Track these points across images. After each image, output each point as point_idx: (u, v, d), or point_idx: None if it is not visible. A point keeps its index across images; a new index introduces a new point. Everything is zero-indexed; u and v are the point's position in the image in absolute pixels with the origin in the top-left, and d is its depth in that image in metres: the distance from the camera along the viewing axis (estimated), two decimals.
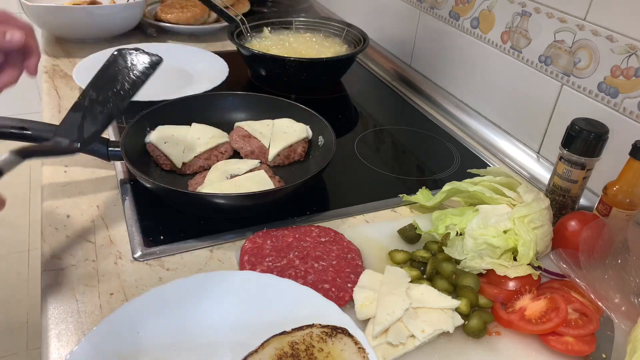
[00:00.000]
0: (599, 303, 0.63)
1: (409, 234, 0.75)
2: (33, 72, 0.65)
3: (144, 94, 1.10)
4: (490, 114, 1.10)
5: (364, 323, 0.61)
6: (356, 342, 0.55)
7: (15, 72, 0.64)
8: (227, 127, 0.97)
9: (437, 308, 0.61)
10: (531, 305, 0.63)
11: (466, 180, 0.79)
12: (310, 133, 0.96)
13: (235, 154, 0.93)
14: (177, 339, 0.57)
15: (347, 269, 0.68)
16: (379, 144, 1.06)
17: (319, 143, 0.95)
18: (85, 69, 1.16)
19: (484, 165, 1.00)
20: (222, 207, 0.76)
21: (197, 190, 0.79)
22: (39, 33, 1.52)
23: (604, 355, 0.60)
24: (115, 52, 0.71)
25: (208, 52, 1.31)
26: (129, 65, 0.70)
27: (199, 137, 0.91)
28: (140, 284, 0.66)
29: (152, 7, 1.58)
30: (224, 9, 1.32)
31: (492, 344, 0.61)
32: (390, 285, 0.63)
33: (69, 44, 1.38)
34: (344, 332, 0.56)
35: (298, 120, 0.97)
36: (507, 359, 0.60)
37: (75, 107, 0.68)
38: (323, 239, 0.73)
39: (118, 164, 0.88)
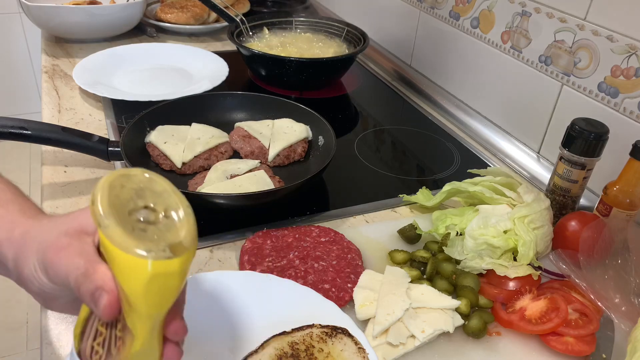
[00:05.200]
0: (599, 303, 0.63)
1: (409, 234, 0.75)
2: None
3: (144, 94, 1.11)
4: (490, 114, 1.10)
5: (364, 323, 0.61)
6: (356, 342, 0.55)
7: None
8: (227, 127, 0.97)
9: (437, 308, 0.61)
10: (531, 306, 0.63)
11: (466, 180, 0.79)
12: (310, 133, 0.96)
13: (235, 154, 0.93)
14: None
15: (347, 269, 0.68)
16: (379, 144, 1.06)
17: (319, 143, 0.94)
18: (85, 69, 1.16)
19: (484, 165, 1.00)
20: (222, 207, 0.76)
21: (197, 190, 0.79)
22: (38, 33, 1.52)
23: (604, 356, 0.60)
24: None
25: (208, 52, 1.31)
26: None
27: (199, 137, 0.91)
28: None
29: (152, 7, 1.58)
30: (224, 9, 1.32)
31: (492, 344, 0.61)
32: (390, 285, 0.63)
33: (69, 44, 1.38)
34: (344, 332, 0.56)
35: (298, 120, 0.97)
36: (507, 359, 0.60)
37: None
38: (323, 239, 0.73)
39: (118, 163, 0.88)
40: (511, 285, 0.67)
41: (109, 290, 0.39)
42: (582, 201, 0.84)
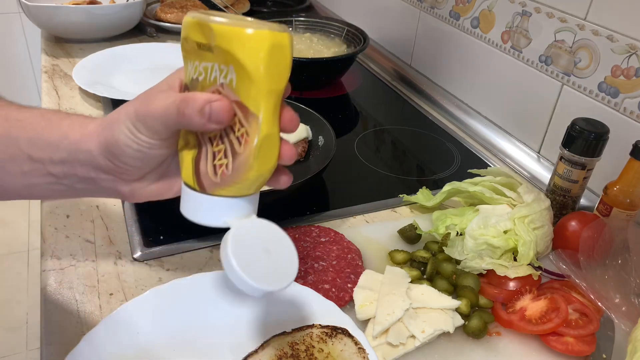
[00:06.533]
0: (599, 303, 0.63)
1: (409, 234, 0.75)
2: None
3: None
4: (490, 114, 1.10)
5: (364, 323, 0.61)
6: (356, 343, 0.55)
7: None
8: None
9: (437, 308, 0.61)
10: (531, 306, 0.63)
11: (466, 180, 0.79)
12: (310, 133, 0.96)
13: None
14: (176, 339, 0.57)
15: (347, 269, 0.68)
16: (379, 144, 1.06)
17: (319, 143, 0.94)
18: (85, 69, 1.16)
19: (484, 165, 1.00)
20: None
21: None
22: (38, 33, 1.52)
23: (604, 356, 0.60)
24: None
25: None
26: None
27: None
28: (140, 284, 0.66)
29: (152, 7, 1.58)
30: (224, 9, 1.32)
31: (492, 344, 0.61)
32: (390, 285, 0.63)
33: (69, 44, 1.38)
34: (344, 332, 0.56)
35: None
36: (507, 359, 0.60)
37: None
38: (323, 239, 0.73)
39: None
40: (511, 285, 0.67)
41: (217, 98, 0.42)
42: (582, 201, 0.84)
